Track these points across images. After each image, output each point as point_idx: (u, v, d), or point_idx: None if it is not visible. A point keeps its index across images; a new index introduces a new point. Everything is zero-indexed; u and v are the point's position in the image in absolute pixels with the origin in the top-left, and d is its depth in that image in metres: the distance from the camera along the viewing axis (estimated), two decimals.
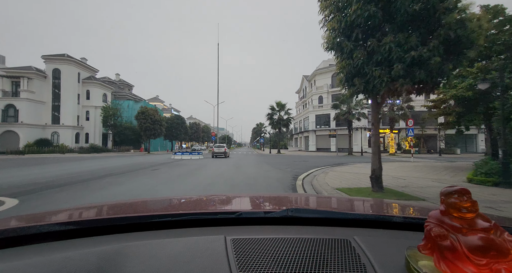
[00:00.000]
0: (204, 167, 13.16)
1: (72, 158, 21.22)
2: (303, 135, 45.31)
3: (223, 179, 8.51)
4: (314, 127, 38.96)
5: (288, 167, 12.66)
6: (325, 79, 39.06)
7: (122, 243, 0.64)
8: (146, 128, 33.73)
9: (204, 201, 1.27)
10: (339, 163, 16.06)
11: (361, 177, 8.53)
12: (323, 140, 38.35)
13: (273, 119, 34.08)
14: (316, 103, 39.77)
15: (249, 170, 11.29)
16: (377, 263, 0.54)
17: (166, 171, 10.62)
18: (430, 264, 0.48)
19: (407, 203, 1.34)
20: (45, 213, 0.98)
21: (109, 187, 6.65)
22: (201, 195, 1.51)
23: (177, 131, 44.39)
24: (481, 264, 0.43)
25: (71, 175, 8.95)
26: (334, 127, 36.37)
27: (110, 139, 39.19)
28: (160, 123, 35.10)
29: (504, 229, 0.49)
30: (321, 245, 0.63)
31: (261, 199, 1.33)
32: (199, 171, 11.00)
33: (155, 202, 1.29)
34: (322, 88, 39.10)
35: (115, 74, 48.42)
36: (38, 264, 0.53)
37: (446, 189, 0.52)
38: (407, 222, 0.82)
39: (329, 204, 1.35)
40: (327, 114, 37.43)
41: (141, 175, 9.17)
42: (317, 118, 39.01)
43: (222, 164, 15.59)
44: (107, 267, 0.52)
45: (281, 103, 33.63)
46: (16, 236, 0.68)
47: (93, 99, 35.65)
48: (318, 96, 39.74)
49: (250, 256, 0.57)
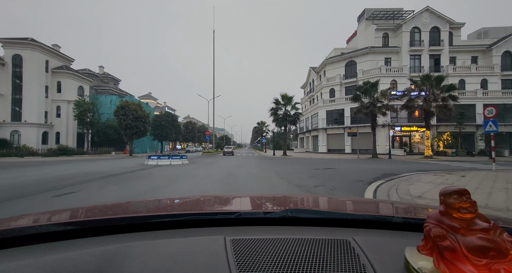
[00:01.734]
0: (172, 183, 7.70)
1: (16, 164, 15.85)
2: (310, 134, 39.90)
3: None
4: (325, 125, 33.57)
5: (318, 183, 7.24)
6: (337, 69, 33.70)
7: (121, 243, 0.64)
8: (127, 126, 28.32)
9: (203, 201, 1.28)
10: (392, 172, 10.56)
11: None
12: (335, 140, 32.93)
13: (278, 116, 28.68)
14: (326, 97, 34.39)
15: (249, 188, 5.91)
16: (376, 263, 0.55)
17: (83, 198, 5.20)
18: (430, 265, 0.48)
19: (406, 204, 1.34)
20: (44, 213, 0.98)
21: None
22: (201, 195, 1.52)
23: (167, 130, 39.00)
24: (481, 264, 0.43)
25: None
26: (349, 125, 30.98)
27: (88, 139, 33.85)
28: (144, 120, 29.70)
29: (503, 229, 0.49)
30: (321, 246, 0.63)
31: (261, 199, 1.32)
32: (156, 193, 5.68)
33: (155, 202, 1.29)
34: (333, 80, 33.73)
35: (99, 66, 43.15)
36: (37, 265, 0.53)
37: (445, 189, 0.52)
38: (406, 223, 0.82)
39: (329, 205, 1.34)
40: (340, 110, 32.05)
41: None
42: (328, 114, 33.60)
43: (206, 175, 10.12)
44: (107, 268, 0.52)
45: (287, 96, 28.25)
46: (16, 236, 0.67)
47: (65, 92, 30.31)
48: (329, 89, 34.36)
49: (250, 256, 0.57)
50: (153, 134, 38.87)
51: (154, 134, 38.76)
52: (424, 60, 28.99)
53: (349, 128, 30.90)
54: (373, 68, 29.61)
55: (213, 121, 34.92)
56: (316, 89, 38.59)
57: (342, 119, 31.99)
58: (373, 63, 30.29)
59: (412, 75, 28.53)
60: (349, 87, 32.82)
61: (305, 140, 44.43)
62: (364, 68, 30.57)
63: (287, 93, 28.42)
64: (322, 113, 33.92)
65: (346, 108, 31.37)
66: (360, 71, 30.68)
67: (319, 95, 37.79)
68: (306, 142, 44.07)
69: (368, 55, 30.53)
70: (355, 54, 31.57)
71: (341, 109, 32.01)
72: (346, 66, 33.03)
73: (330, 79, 34.16)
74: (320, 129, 34.10)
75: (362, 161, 19.05)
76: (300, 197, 1.52)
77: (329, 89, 34.40)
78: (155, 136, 38.83)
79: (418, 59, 29.18)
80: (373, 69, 29.52)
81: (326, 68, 35.23)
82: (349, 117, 31.11)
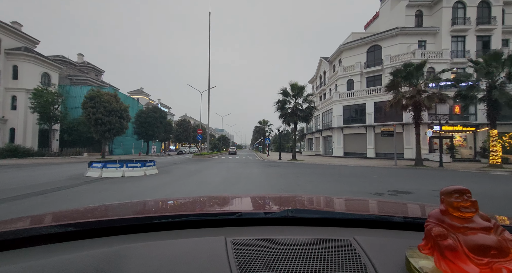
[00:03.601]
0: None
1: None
2: (321, 135, 34.15)
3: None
4: (341, 124, 27.82)
5: None
6: (357, 57, 27.98)
7: (122, 244, 0.64)
8: (97, 121, 22.62)
9: (204, 202, 1.27)
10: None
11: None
12: (354, 141, 27.16)
13: (285, 110, 22.92)
14: (343, 89, 28.65)
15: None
16: (377, 263, 0.55)
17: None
18: (431, 264, 0.48)
19: (406, 203, 1.30)
20: (44, 215, 0.97)
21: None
22: (201, 196, 1.51)
23: (154, 128, 33.24)
24: (482, 263, 0.43)
25: None
26: (372, 123, 25.22)
27: (56, 137, 28.12)
28: (120, 114, 23.98)
29: (504, 228, 0.49)
30: (322, 246, 0.63)
31: (261, 199, 1.32)
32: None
33: (155, 203, 1.29)
34: (352, 69, 28.00)
35: (77, 54, 37.48)
36: (38, 267, 0.53)
37: (446, 189, 0.52)
38: (407, 222, 0.82)
39: (330, 204, 1.34)
40: (361, 105, 26.30)
41: None
42: (345, 110, 27.86)
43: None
44: (107, 269, 0.52)
45: (297, 86, 22.49)
46: (16, 238, 0.66)
47: (24, 79, 24.61)
48: (347, 80, 28.63)
49: (251, 257, 0.57)
50: (137, 133, 33.15)
51: (138, 132, 33.04)
52: (469, 42, 23.25)
53: (372, 127, 25.17)
54: (404, 53, 23.90)
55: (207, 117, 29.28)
56: (329, 81, 32.86)
57: (363, 116, 26.23)
58: (403, 47, 24.57)
59: (455, 62, 22.79)
60: (371, 77, 27.08)
61: (315, 141, 38.64)
62: (392, 54, 24.84)
63: (297, 82, 22.68)
64: (338, 109, 28.17)
65: (368, 103, 25.63)
66: (387, 57, 24.96)
67: (332, 88, 32.06)
68: (315, 144, 38.27)
69: (397, 37, 24.82)
70: (381, 37, 25.85)
71: (361, 104, 26.26)
72: (368, 53, 27.31)
73: (348, 69, 28.42)
74: (335, 129, 28.34)
75: (413, 171, 13.29)
76: (300, 197, 1.51)
77: (347, 81, 28.65)
78: (139, 135, 33.13)
79: (462, 41, 23.45)
80: (403, 54, 23.81)
81: (343, 55, 29.51)
82: (372, 114, 25.37)
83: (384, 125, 24.17)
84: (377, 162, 20.28)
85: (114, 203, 1.28)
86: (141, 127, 32.81)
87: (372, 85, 26.62)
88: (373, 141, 25.31)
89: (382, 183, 8.48)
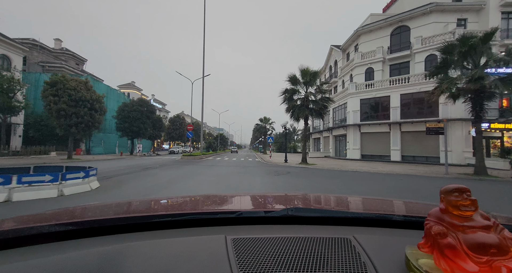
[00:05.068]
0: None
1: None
2: (331, 134, 29.77)
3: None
4: (358, 120, 23.44)
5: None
6: (378, 41, 23.58)
7: (122, 243, 0.64)
8: (60, 113, 18.19)
9: (204, 201, 1.26)
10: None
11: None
12: (373, 141, 22.78)
13: (294, 102, 18.47)
14: (360, 80, 24.24)
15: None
16: (377, 261, 0.55)
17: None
18: (430, 262, 0.48)
19: (406, 201, 1.29)
20: (45, 213, 0.96)
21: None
22: (201, 194, 1.47)
23: (140, 124, 28.77)
24: (481, 261, 0.43)
25: None
26: (397, 119, 20.86)
27: (18, 133, 23.64)
28: (91, 105, 19.53)
29: (504, 226, 0.50)
30: (322, 244, 0.63)
31: (261, 198, 1.31)
32: None
33: (155, 202, 1.27)
34: (372, 56, 23.60)
35: (54, 39, 32.93)
36: (39, 265, 0.54)
37: (446, 187, 0.52)
38: (407, 220, 0.82)
39: (329, 203, 1.32)
40: (383, 98, 21.94)
41: None
42: (364, 105, 23.48)
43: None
44: (108, 267, 0.52)
45: (309, 71, 18.03)
46: (17, 237, 0.66)
47: None
48: (365, 68, 24.22)
49: (251, 255, 0.57)
50: (120, 129, 28.68)
51: (120, 129, 28.57)
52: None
53: (398, 124, 20.77)
54: (440, 34, 19.51)
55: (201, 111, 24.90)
56: (342, 72, 28.43)
57: (386, 111, 21.86)
58: (439, 27, 20.18)
59: (506, 43, 18.40)
60: (396, 65, 22.67)
61: (323, 141, 34.22)
62: (424, 35, 20.45)
63: (309, 68, 18.23)
64: (354, 104, 23.77)
65: (393, 95, 21.25)
66: (418, 39, 20.58)
67: (346, 79, 27.66)
68: (324, 144, 33.85)
69: (431, 15, 20.43)
70: (409, 16, 21.44)
71: (384, 97, 21.88)
72: (392, 36, 22.90)
73: (367, 55, 24.00)
74: (350, 126, 23.94)
75: (491, 185, 8.85)
76: (300, 196, 1.50)
77: (365, 70, 24.24)
78: (123, 131, 28.66)
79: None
80: (439, 35, 19.43)
81: (360, 40, 25.09)
82: (398, 108, 20.97)
83: (414, 122, 19.80)
84: (410, 167, 15.88)
85: (114, 201, 1.26)
86: (124, 123, 28.31)
87: (397, 75, 22.25)
88: (399, 141, 20.93)
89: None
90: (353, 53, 26.39)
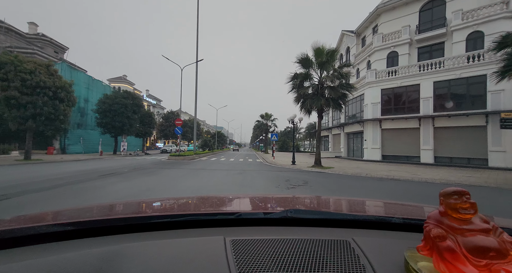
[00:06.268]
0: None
1: None
2: (342, 130, 26.02)
3: None
4: (378, 114, 19.67)
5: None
6: (403, 19, 19.73)
7: (121, 244, 0.64)
8: (11, 102, 14.47)
9: (203, 202, 1.25)
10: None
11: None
12: (397, 139, 19.02)
13: (305, 89, 14.69)
14: (381, 66, 20.45)
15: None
16: (376, 264, 0.55)
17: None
18: (429, 265, 0.48)
19: (406, 204, 1.28)
20: (43, 213, 0.96)
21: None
22: (200, 195, 1.46)
23: (123, 118, 25.02)
24: (480, 265, 0.43)
25: None
26: (429, 112, 17.08)
27: None
28: (53, 93, 15.77)
29: (503, 230, 0.50)
30: (321, 246, 0.63)
31: (261, 199, 1.30)
32: None
33: (155, 202, 1.27)
34: (396, 37, 19.78)
35: (28, 23, 29.07)
36: (38, 265, 0.54)
37: (445, 190, 0.52)
38: (406, 223, 0.82)
39: (328, 205, 1.32)
40: (411, 87, 18.16)
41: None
42: (385, 96, 19.71)
43: None
44: (106, 268, 0.52)
45: (325, 50, 14.23)
46: (14, 237, 0.66)
47: None
48: (387, 53, 20.40)
49: (250, 257, 0.57)
50: (101, 125, 24.95)
51: (101, 124, 24.83)
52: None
53: (430, 118, 16.98)
54: (487, 6, 15.68)
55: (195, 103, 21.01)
56: (358, 59, 24.58)
57: (414, 103, 18.08)
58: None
59: None
60: (427, 47, 18.83)
61: (332, 139, 30.42)
62: (465, 8, 16.61)
63: (324, 45, 14.42)
64: (374, 94, 19.98)
65: (424, 83, 17.45)
66: (457, 14, 16.74)
67: (362, 67, 23.85)
68: (333, 143, 30.06)
69: None
70: None
71: (412, 86, 18.09)
72: (421, 12, 19.04)
73: (390, 37, 20.17)
74: (368, 122, 20.18)
75: None
76: (300, 198, 1.48)
77: (387, 54, 20.42)
78: (104, 127, 24.93)
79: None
80: (486, 7, 15.61)
81: (381, 20, 21.25)
82: (431, 100, 17.17)
83: (452, 116, 16.00)
84: (454, 172, 12.08)
85: (113, 202, 1.26)
86: (105, 117, 24.57)
87: (426, 58, 18.45)
88: (431, 138, 17.15)
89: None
90: (370, 37, 22.57)
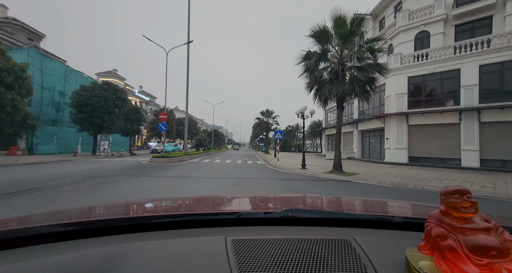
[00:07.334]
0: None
1: None
2: (355, 128, 22.63)
3: None
4: (405, 108, 16.24)
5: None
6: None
7: (122, 244, 0.64)
8: None
9: (204, 202, 1.26)
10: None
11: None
12: (428, 137, 15.59)
13: (320, 72, 11.27)
14: (407, 50, 16.99)
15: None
16: (377, 263, 0.55)
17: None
18: (431, 264, 0.48)
19: (407, 203, 1.31)
20: (44, 213, 0.96)
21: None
22: (201, 195, 1.47)
23: (103, 114, 21.58)
24: (482, 264, 0.43)
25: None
26: (473, 104, 13.67)
27: None
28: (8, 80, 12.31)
29: (504, 228, 0.50)
30: (322, 246, 0.63)
31: (261, 199, 1.30)
32: None
33: (155, 202, 1.27)
34: (426, 14, 16.33)
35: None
36: (39, 265, 0.54)
37: (446, 189, 0.52)
38: (407, 222, 0.82)
39: (329, 204, 1.33)
40: (448, 74, 14.74)
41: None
42: (413, 85, 16.28)
43: None
44: (108, 268, 0.53)
45: (344, 20, 10.81)
46: (16, 237, 0.66)
47: None
48: (415, 33, 16.93)
49: (250, 256, 0.58)
50: (77, 121, 21.51)
51: (77, 120, 21.40)
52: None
53: (476, 111, 13.56)
54: None
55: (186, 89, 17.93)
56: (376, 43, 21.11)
57: (452, 93, 14.66)
58: None
59: None
60: (467, 24, 15.39)
61: (345, 138, 26.96)
62: None
63: (343, 15, 10.97)
64: (398, 84, 16.53)
65: (465, 68, 14.02)
66: None
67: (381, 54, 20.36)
68: (344, 142, 26.59)
69: None
70: None
71: (448, 72, 14.66)
72: None
73: (417, 14, 16.72)
74: (391, 117, 16.74)
75: None
76: (300, 197, 1.48)
77: (415, 35, 16.95)
78: (81, 124, 21.49)
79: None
80: None
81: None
82: (476, 88, 13.74)
83: (505, 108, 12.56)
84: None
85: (114, 202, 1.25)
86: (81, 113, 21.13)
87: (465, 37, 15.02)
88: (476, 136, 13.73)
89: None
90: (391, 17, 19.14)
